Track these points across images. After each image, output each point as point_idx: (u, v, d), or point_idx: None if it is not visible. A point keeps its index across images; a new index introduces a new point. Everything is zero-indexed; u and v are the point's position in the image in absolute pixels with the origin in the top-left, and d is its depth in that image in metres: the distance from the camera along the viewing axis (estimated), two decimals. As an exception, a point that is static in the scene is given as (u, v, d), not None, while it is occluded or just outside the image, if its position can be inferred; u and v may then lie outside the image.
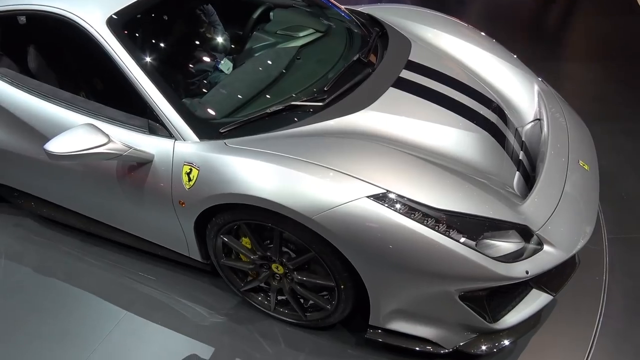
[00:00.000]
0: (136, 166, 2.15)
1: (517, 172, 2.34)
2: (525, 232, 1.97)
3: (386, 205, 1.81)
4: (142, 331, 2.38)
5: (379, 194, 1.83)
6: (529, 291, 2.10)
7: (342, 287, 2.02)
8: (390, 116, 2.22)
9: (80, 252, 2.77)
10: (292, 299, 2.23)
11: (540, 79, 2.85)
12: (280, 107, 2.20)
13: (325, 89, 2.31)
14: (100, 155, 1.98)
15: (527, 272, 1.89)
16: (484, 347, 2.03)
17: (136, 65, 2.12)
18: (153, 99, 2.09)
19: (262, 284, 2.29)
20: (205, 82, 2.60)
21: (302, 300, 2.26)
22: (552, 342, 2.25)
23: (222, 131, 2.10)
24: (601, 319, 2.36)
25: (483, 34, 3.07)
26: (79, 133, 1.97)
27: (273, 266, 2.17)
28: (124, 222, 2.50)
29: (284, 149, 1.97)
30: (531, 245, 1.96)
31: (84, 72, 2.50)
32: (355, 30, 2.80)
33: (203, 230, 2.21)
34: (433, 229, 1.81)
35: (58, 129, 2.15)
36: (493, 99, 2.56)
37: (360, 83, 2.39)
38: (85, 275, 2.64)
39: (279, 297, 2.30)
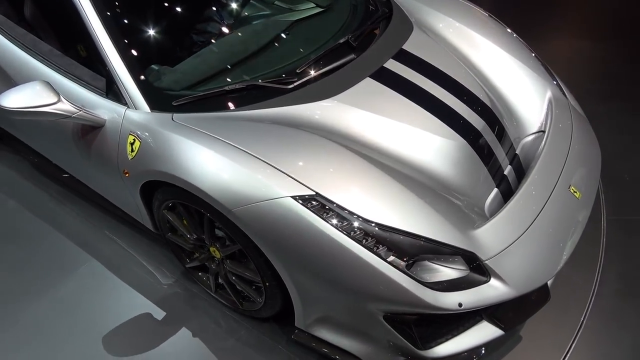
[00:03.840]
0: (89, 129, 2.13)
1: (496, 189, 2.10)
2: (472, 260, 1.76)
3: (311, 208, 1.67)
4: (93, 286, 2.43)
5: (307, 195, 1.69)
6: (478, 322, 1.91)
7: (267, 284, 1.93)
8: (355, 110, 2.04)
9: (59, 202, 2.84)
10: (227, 285, 2.18)
11: (555, 83, 2.52)
12: (241, 86, 2.08)
13: (298, 71, 2.16)
14: (49, 115, 1.96)
15: (460, 305, 1.70)
16: (412, 374, 1.88)
17: (100, 24, 2.05)
18: (111, 62, 2.04)
19: (206, 264, 2.25)
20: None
21: (239, 288, 2.20)
22: (541, 318, 2.15)
23: (174, 104, 2.02)
24: (593, 299, 2.34)
25: (508, 29, 2.73)
26: (29, 90, 1.95)
27: (211, 249, 2.11)
28: (88, 180, 2.52)
29: (224, 133, 1.86)
30: (475, 276, 1.76)
31: (62, 27, 2.48)
32: (361, 9, 2.59)
33: (151, 202, 2.18)
34: (359, 241, 1.66)
35: (30, 80, 2.16)
36: (489, 104, 2.28)
37: (338, 69, 2.21)
38: (57, 225, 2.72)
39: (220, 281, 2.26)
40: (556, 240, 1.95)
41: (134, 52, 2.12)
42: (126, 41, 2.11)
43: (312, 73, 2.16)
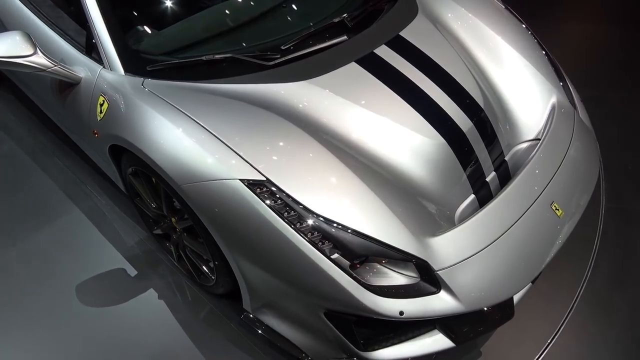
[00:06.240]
0: (66, 84, 2.12)
1: (472, 196, 1.99)
2: (424, 269, 1.68)
3: (258, 194, 1.62)
4: (68, 237, 2.48)
5: (256, 180, 1.63)
6: (429, 330, 1.83)
7: (216, 262, 1.90)
8: (330, 95, 1.94)
9: (48, 152, 2.87)
10: (185, 257, 2.17)
11: (563, 84, 2.34)
12: (220, 58, 2.01)
13: (282, 47, 2.07)
14: (24, 67, 1.94)
15: (401, 313, 1.63)
16: (352, 372, 1.84)
17: None
18: (92, 18, 2.00)
19: (169, 233, 2.24)
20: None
21: (195, 262, 2.18)
22: (532, 303, 2.18)
23: (148, 69, 1.97)
24: (585, 284, 2.36)
25: (523, 25, 2.53)
26: (9, 39, 1.93)
27: (172, 220, 2.10)
28: (69, 133, 2.54)
29: (188, 106, 1.80)
30: (425, 285, 1.68)
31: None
32: None
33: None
34: (303, 234, 1.60)
35: (20, 28, 2.16)
36: (482, 105, 2.13)
37: (326, 50, 2.10)
38: (42, 175, 2.75)
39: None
40: (524, 258, 1.83)
41: (117, 11, 2.06)
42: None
43: (297, 51, 2.07)
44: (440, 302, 1.67)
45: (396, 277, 1.68)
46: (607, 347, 2.16)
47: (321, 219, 1.62)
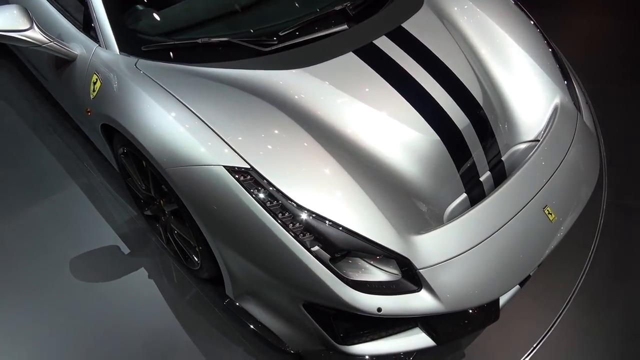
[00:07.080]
0: (63, 61, 2.12)
1: (464, 195, 1.95)
2: (406, 267, 1.65)
3: (242, 182, 1.60)
4: (64, 212, 2.50)
5: (241, 168, 1.62)
6: (411, 328, 1.81)
7: (200, 247, 1.90)
8: (324, 85, 1.91)
9: (48, 128, 2.88)
10: (172, 240, 2.17)
11: (566, 82, 2.28)
12: (216, 41, 1.98)
13: (280, 33, 2.04)
14: (19, 41, 1.94)
15: (379, 310, 1.61)
16: (327, 364, 1.83)
17: None
18: None
19: (159, 214, 2.24)
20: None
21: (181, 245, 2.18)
22: (524, 304, 2.20)
23: (143, 49, 1.96)
24: (583, 278, 2.36)
25: (531, 21, 2.46)
26: (7, 13, 1.93)
27: (161, 202, 2.10)
28: (67, 110, 2.54)
29: (179, 90, 1.78)
30: (406, 283, 1.65)
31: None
32: None
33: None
34: (285, 225, 1.58)
35: (18, 3, 2.16)
36: (481, 103, 2.08)
37: (324, 38, 2.07)
38: (42, 150, 2.77)
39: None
40: (512, 261, 1.80)
41: None
42: None
43: (295, 38, 2.03)
44: (420, 301, 1.65)
45: (377, 273, 1.66)
46: (596, 348, 2.13)
47: (304, 210, 1.60)
